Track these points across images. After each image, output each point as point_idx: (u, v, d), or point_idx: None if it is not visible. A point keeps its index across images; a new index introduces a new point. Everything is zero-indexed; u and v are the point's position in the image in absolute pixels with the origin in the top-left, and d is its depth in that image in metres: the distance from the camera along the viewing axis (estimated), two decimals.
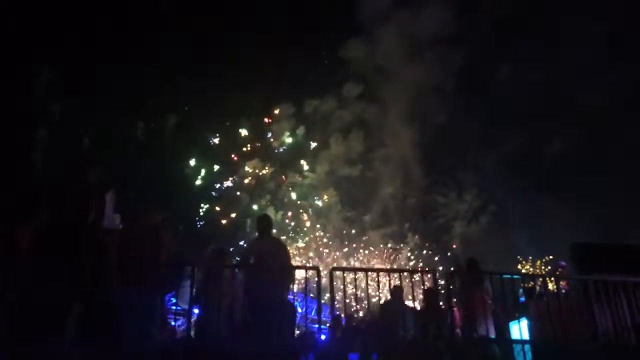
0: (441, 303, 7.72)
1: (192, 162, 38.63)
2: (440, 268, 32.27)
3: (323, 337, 9.48)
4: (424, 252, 37.55)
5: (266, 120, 40.62)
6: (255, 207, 36.98)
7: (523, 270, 32.93)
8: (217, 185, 38.86)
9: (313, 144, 40.22)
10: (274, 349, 6.15)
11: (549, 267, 32.12)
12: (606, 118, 32.14)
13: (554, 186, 33.71)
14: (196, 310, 7.60)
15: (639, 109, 31.65)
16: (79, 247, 6.46)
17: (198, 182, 38.33)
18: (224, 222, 36.80)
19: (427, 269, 24.53)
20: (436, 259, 37.08)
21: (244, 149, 39.76)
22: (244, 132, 40.11)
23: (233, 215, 37.10)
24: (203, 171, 38.72)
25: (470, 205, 38.18)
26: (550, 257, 32.76)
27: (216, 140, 39.88)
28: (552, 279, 8.75)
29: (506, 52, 35.42)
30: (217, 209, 37.43)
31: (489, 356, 6.94)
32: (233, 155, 39.58)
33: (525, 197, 33.25)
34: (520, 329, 8.55)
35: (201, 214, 37.24)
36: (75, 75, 29.66)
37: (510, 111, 36.00)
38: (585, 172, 32.73)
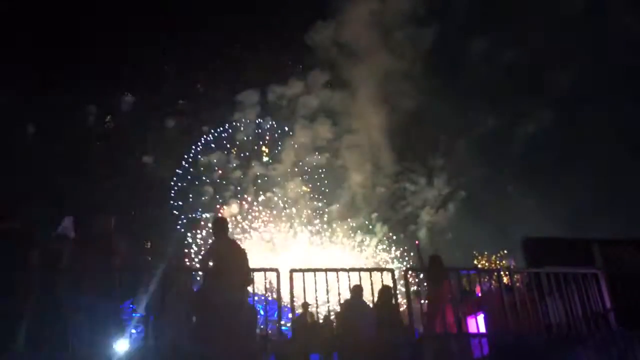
0: (394, 301, 7.80)
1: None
2: (399, 266, 32.10)
3: (284, 338, 9.44)
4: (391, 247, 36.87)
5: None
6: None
7: (479, 265, 33.49)
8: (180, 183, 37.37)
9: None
10: (234, 352, 6.07)
11: (504, 262, 32.84)
12: (580, 103, 32.45)
13: (517, 177, 34.00)
14: (155, 317, 7.43)
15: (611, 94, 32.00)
16: (29, 256, 6.24)
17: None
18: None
19: (385, 268, 24.38)
20: (396, 254, 36.70)
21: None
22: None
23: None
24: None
25: (439, 193, 37.64)
26: (505, 251, 33.45)
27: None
28: (507, 273, 8.98)
29: (477, 32, 35.33)
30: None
31: (447, 351, 7.05)
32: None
33: (489, 188, 33.36)
34: (477, 323, 8.75)
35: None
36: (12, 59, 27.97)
37: (482, 94, 35.93)
38: (553, 163, 33.15)
